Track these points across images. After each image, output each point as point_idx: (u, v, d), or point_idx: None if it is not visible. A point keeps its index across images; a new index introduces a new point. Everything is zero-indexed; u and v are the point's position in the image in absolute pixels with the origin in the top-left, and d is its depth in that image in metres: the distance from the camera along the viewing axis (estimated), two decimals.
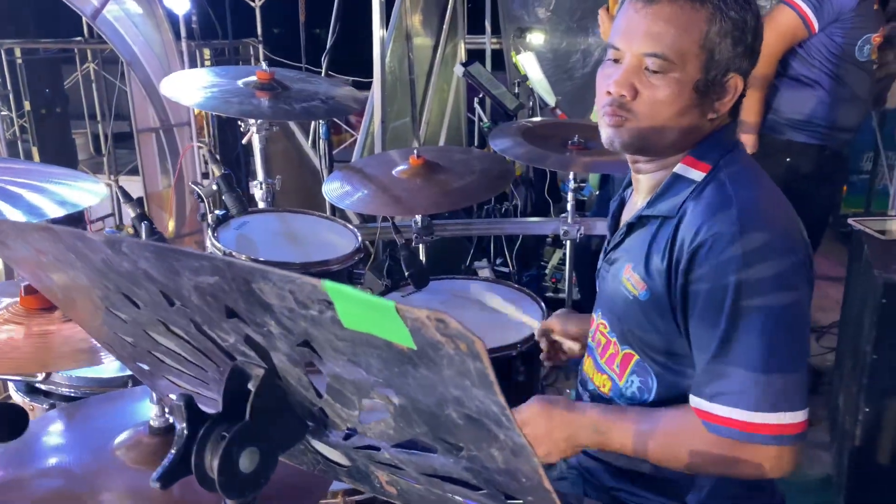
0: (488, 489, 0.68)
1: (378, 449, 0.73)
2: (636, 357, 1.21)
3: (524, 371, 1.91)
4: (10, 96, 5.60)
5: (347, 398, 0.67)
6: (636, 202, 1.27)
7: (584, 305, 2.86)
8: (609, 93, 1.14)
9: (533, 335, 1.93)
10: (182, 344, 0.76)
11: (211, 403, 0.81)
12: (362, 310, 0.52)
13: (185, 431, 0.70)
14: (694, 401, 1.10)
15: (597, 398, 1.30)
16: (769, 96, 2.57)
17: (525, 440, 0.55)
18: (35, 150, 5.70)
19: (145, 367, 0.89)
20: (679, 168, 1.16)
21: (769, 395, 1.04)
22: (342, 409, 0.70)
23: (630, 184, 1.32)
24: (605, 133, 1.17)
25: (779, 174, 2.53)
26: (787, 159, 2.54)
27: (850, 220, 2.45)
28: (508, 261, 3.22)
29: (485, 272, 3.16)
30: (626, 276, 1.19)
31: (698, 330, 1.10)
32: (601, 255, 1.33)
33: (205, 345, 0.73)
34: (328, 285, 0.52)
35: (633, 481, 1.26)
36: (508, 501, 0.67)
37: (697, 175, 1.15)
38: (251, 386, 0.71)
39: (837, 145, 2.55)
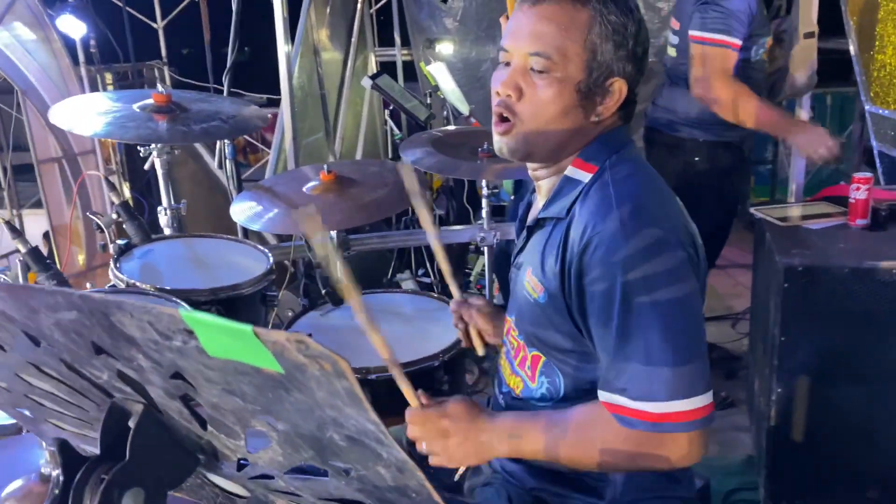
0: None
1: (272, 477, 0.71)
2: (543, 358, 1.22)
3: (448, 380, 1.91)
4: None
5: (230, 428, 0.65)
6: (538, 206, 1.29)
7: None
8: (498, 93, 1.16)
9: (457, 343, 1.93)
10: (57, 385, 0.72)
11: (96, 444, 0.77)
12: (223, 337, 0.50)
13: (62, 477, 0.66)
14: (603, 395, 1.11)
15: (510, 399, 1.31)
16: (662, 97, 2.67)
17: (406, 456, 0.54)
18: None
19: (26, 412, 0.83)
20: (569, 170, 1.18)
21: (673, 384, 1.06)
22: (227, 439, 0.67)
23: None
24: (495, 141, 1.19)
25: (681, 171, 2.62)
26: (687, 157, 2.62)
27: (751, 210, 2.55)
28: (430, 271, 3.21)
29: (408, 284, 3.15)
30: (527, 280, 1.21)
31: (597, 329, 1.11)
32: (511, 260, 1.34)
33: (79, 384, 0.69)
34: (184, 314, 0.50)
35: (553, 480, 1.27)
36: None
37: (584, 176, 1.17)
38: (131, 423, 0.68)
39: (735, 140, 2.65)
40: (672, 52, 2.64)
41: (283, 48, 3.17)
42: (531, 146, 1.17)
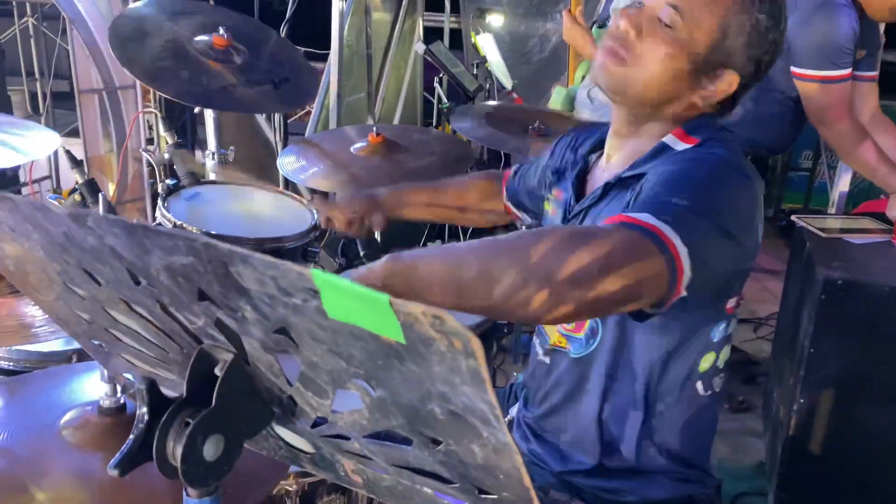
0: (462, 483, 0.67)
1: (348, 438, 0.71)
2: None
3: None
4: None
5: (321, 387, 0.65)
6: (609, 166, 1.25)
7: None
8: (619, 27, 1.15)
9: (486, 320, 1.93)
10: (144, 324, 0.73)
11: (169, 384, 0.78)
12: (351, 301, 0.50)
13: (147, 416, 0.67)
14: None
15: (555, 353, 1.31)
16: None
17: (510, 439, 0.54)
18: None
19: (100, 344, 0.84)
20: (668, 138, 1.17)
21: (678, 218, 0.95)
22: (313, 397, 0.67)
23: (594, 150, 1.33)
24: (596, 69, 1.17)
25: None
26: None
27: (793, 217, 2.52)
28: (462, 241, 3.21)
29: None
30: None
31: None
32: (563, 219, 1.31)
33: (170, 326, 0.70)
34: (316, 274, 0.50)
35: (582, 466, 1.28)
36: (482, 496, 0.67)
37: (683, 146, 1.15)
38: (218, 371, 0.68)
39: (759, 155, 2.61)
40: None
41: (337, 4, 3.14)
42: (627, 86, 1.15)
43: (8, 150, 1.09)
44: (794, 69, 2.32)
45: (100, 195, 1.39)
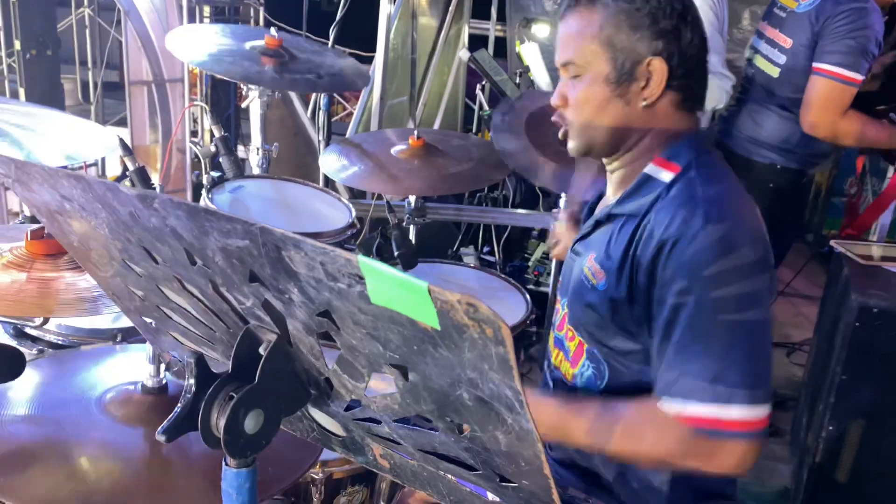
0: (484, 470, 0.70)
1: (379, 422, 0.75)
2: (589, 345, 1.25)
3: None
4: (1, 34, 5.47)
5: (357, 370, 0.69)
6: (608, 198, 1.32)
7: None
8: (552, 105, 1.26)
9: (518, 325, 1.96)
10: (194, 302, 0.78)
11: (213, 362, 0.83)
12: (393, 288, 0.54)
13: (194, 388, 0.72)
14: (663, 401, 1.12)
15: (559, 383, 1.34)
16: (741, 114, 2.58)
17: (534, 426, 0.57)
18: (22, 91, 5.59)
19: (150, 321, 0.89)
20: (649, 168, 1.21)
21: (733, 389, 1.07)
22: (349, 380, 0.71)
23: None
24: (567, 146, 1.28)
25: (757, 195, 2.57)
26: (758, 180, 2.50)
27: (833, 243, 2.50)
28: (495, 250, 3.24)
29: (470, 259, 3.18)
30: (587, 265, 1.23)
31: (662, 336, 1.12)
32: (571, 245, 1.36)
33: (219, 306, 0.74)
34: (362, 261, 0.54)
35: (590, 483, 1.29)
36: (503, 484, 0.70)
37: (667, 175, 1.18)
38: (262, 350, 0.73)
39: (812, 169, 2.59)
40: (768, 67, 2.47)
41: (385, 8, 3.20)
42: (587, 142, 1.24)
43: (65, 152, 1.16)
44: (823, 66, 2.26)
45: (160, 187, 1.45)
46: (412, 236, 2.44)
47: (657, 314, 1.12)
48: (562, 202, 2.58)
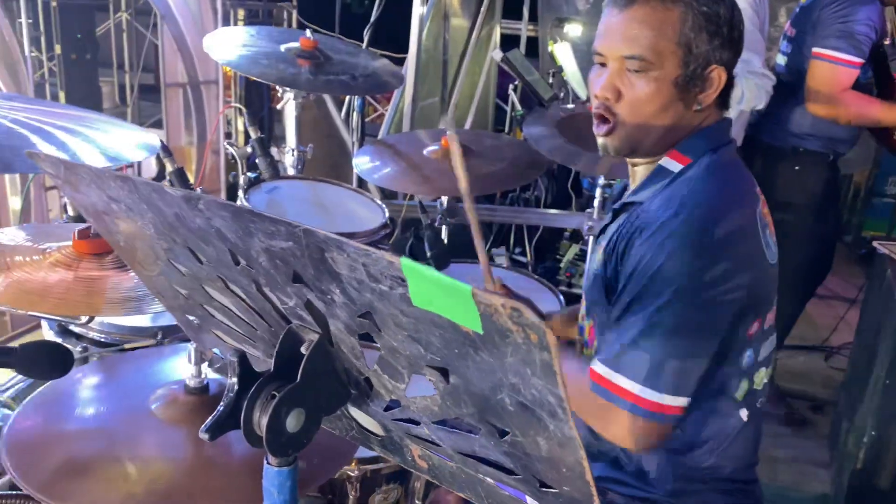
0: (524, 475, 0.70)
1: (418, 423, 0.75)
2: (598, 329, 1.27)
3: None
4: (42, 39, 5.60)
5: (397, 371, 0.69)
6: (629, 189, 1.33)
7: None
8: (596, 96, 1.20)
9: None
10: (237, 302, 0.79)
11: (254, 360, 0.83)
12: (436, 291, 0.54)
13: (237, 387, 0.73)
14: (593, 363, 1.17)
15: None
16: (773, 110, 2.60)
17: (576, 433, 0.57)
18: (62, 95, 5.72)
19: (194, 319, 0.91)
20: (663, 160, 1.21)
21: (636, 364, 1.10)
22: (389, 380, 0.72)
23: None
24: (599, 142, 1.24)
25: (780, 183, 2.56)
26: (792, 165, 2.57)
27: (874, 243, 2.45)
28: (527, 250, 3.23)
29: (502, 260, 3.18)
30: (599, 254, 1.27)
31: (614, 308, 1.16)
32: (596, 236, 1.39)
33: (262, 305, 0.75)
34: (405, 263, 0.54)
35: (606, 463, 1.30)
36: (542, 489, 0.69)
37: (676, 167, 1.20)
38: (304, 349, 0.73)
39: (836, 154, 2.59)
40: (782, 59, 2.60)
41: (417, 10, 3.21)
42: (634, 143, 1.20)
43: (107, 154, 1.18)
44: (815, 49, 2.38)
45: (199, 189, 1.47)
46: (444, 237, 2.44)
47: (617, 292, 1.16)
48: (596, 202, 2.57)
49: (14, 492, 1.04)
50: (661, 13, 1.13)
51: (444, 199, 2.42)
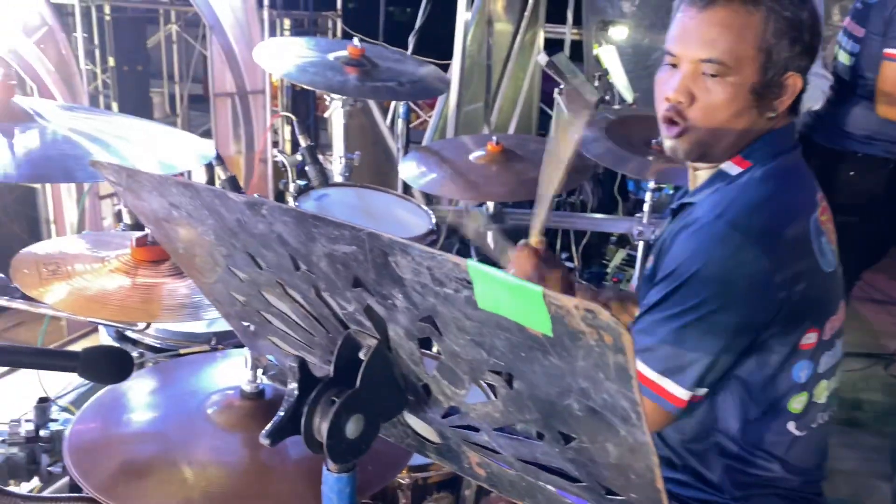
0: (589, 482, 0.68)
1: (477, 430, 0.74)
2: None
3: None
4: (97, 52, 5.77)
5: (458, 377, 0.68)
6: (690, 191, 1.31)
7: None
8: (668, 99, 1.16)
9: None
10: (295, 307, 0.79)
11: (312, 367, 0.83)
12: (503, 293, 0.53)
13: (297, 392, 0.72)
14: None
15: None
16: (827, 105, 2.52)
17: (649, 438, 0.55)
18: (115, 105, 5.88)
19: (250, 326, 0.91)
20: (725, 164, 1.18)
21: (666, 361, 1.09)
22: (449, 386, 0.71)
23: None
24: (667, 144, 1.21)
25: (842, 188, 2.48)
26: (848, 171, 2.49)
27: None
28: (574, 255, 3.20)
29: None
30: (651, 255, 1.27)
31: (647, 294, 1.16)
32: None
33: (320, 311, 0.75)
34: (471, 266, 0.53)
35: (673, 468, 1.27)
36: (608, 496, 0.67)
37: (735, 170, 1.17)
38: (362, 355, 0.73)
39: None
40: (846, 58, 2.49)
41: (462, 15, 3.21)
42: (705, 147, 1.17)
43: (161, 161, 1.20)
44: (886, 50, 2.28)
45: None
46: (491, 242, 2.43)
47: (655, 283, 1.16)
48: (645, 206, 2.52)
49: (76, 494, 1.05)
50: (742, 16, 1.10)
51: (490, 204, 2.41)
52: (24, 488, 1.34)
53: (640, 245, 2.54)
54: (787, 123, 1.20)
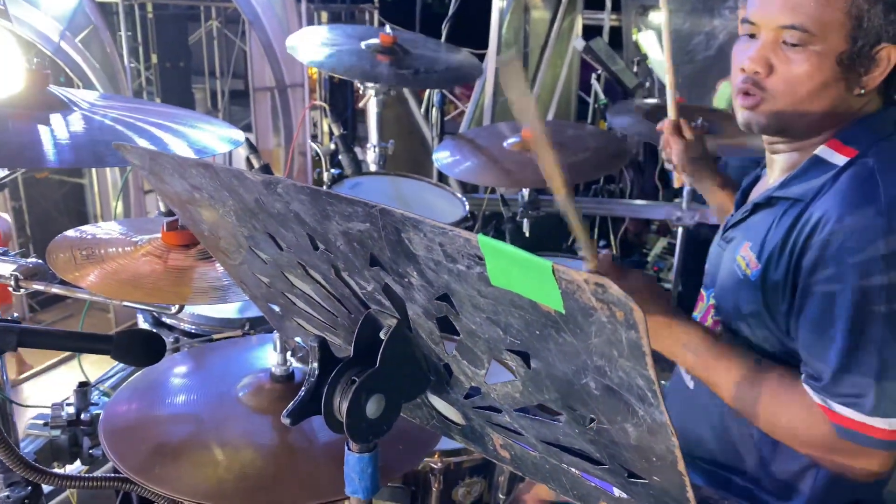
0: (611, 464, 0.67)
1: (499, 411, 0.73)
2: (726, 335, 1.17)
3: None
4: (140, 49, 5.90)
5: (477, 356, 0.67)
6: (768, 181, 1.20)
7: (687, 297, 2.77)
8: (743, 69, 1.08)
9: None
10: (317, 288, 0.79)
11: (335, 348, 0.84)
12: (515, 268, 0.52)
13: (317, 372, 0.73)
14: (816, 395, 1.04)
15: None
16: None
17: (668, 419, 0.53)
18: (158, 101, 6.01)
19: (276, 308, 0.92)
20: (821, 150, 1.08)
21: (885, 400, 0.99)
22: (469, 366, 0.70)
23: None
24: (741, 116, 1.11)
25: None
26: None
27: None
28: (612, 244, 3.15)
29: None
30: (741, 254, 1.14)
31: (811, 328, 1.03)
32: (719, 232, 1.28)
33: (341, 291, 0.75)
34: (482, 240, 0.52)
35: (728, 488, 1.22)
36: (631, 479, 0.66)
37: (840, 159, 1.06)
38: (382, 335, 0.73)
39: None
40: None
41: (497, 3, 3.19)
42: (784, 123, 1.08)
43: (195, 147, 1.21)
44: None
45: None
46: (526, 229, 2.41)
47: (808, 303, 1.03)
48: (685, 192, 2.47)
49: (113, 475, 1.08)
50: None
51: (525, 191, 2.39)
52: (68, 471, 1.38)
53: (679, 231, 2.50)
54: (886, 107, 1.10)
